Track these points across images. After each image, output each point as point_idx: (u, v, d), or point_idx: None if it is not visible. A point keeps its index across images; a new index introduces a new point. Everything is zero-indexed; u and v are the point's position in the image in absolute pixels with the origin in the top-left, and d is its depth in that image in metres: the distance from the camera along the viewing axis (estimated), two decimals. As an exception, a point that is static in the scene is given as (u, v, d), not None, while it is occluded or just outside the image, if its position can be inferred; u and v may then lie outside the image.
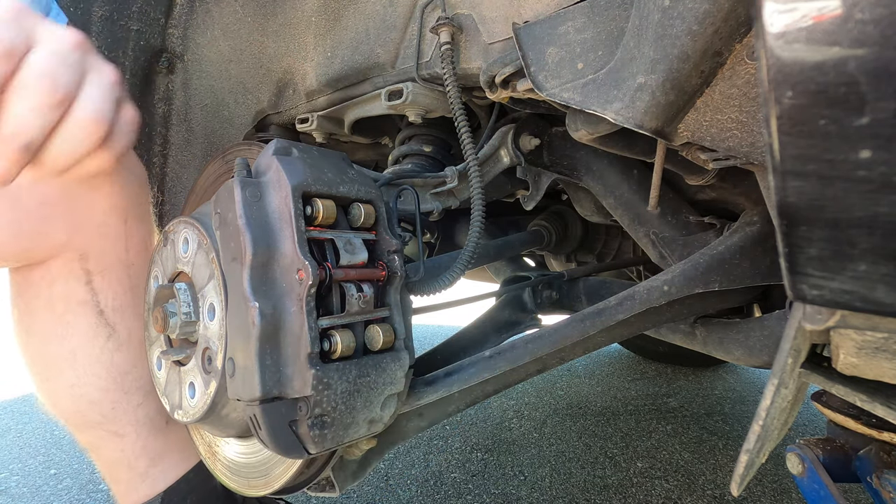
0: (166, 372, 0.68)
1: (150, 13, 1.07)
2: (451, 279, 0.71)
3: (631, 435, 1.82)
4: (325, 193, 0.57)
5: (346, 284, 0.56)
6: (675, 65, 0.49)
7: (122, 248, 0.86)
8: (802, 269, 0.30)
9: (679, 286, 0.72)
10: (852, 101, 0.25)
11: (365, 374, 0.56)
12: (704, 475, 1.54)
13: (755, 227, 0.75)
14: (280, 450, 0.53)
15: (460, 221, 1.23)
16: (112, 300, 0.85)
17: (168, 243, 0.68)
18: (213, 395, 0.59)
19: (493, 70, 0.73)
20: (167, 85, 1.18)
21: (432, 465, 1.62)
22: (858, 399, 0.45)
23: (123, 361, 0.86)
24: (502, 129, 0.91)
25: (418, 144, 1.01)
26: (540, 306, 1.02)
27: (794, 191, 0.28)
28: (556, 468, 1.59)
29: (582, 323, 0.74)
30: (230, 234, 0.55)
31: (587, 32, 0.62)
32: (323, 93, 1.03)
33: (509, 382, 0.78)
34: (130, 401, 0.88)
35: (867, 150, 0.25)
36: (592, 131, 0.66)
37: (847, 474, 0.69)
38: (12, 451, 1.80)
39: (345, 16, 0.97)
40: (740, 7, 0.45)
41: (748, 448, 0.47)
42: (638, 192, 0.87)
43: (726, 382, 2.38)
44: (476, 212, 0.74)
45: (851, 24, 0.24)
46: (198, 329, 0.62)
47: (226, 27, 1.13)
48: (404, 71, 0.89)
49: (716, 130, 0.53)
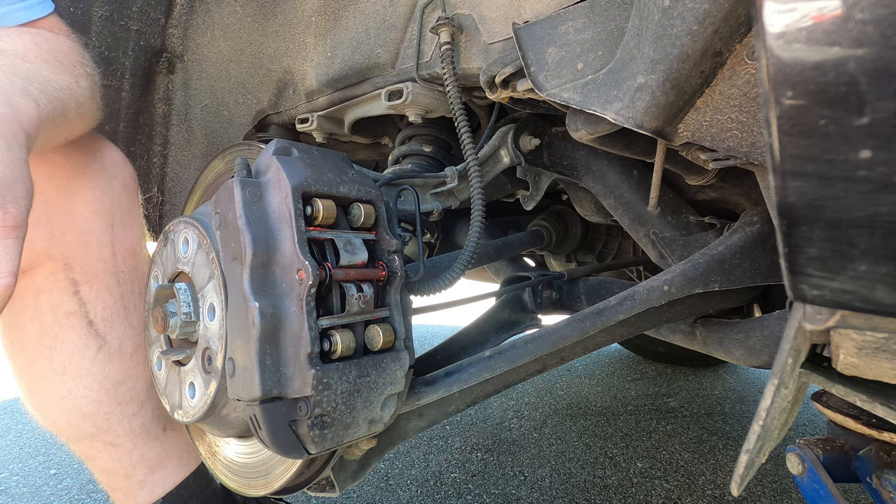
0: (166, 372, 0.68)
1: (150, 13, 1.07)
2: (451, 279, 0.71)
3: (631, 435, 1.82)
4: (325, 193, 0.57)
5: (346, 284, 0.56)
6: (676, 65, 0.49)
7: (108, 255, 0.83)
8: (803, 269, 0.30)
9: (679, 286, 0.72)
10: (852, 102, 0.25)
11: (365, 374, 0.56)
12: (704, 475, 1.54)
13: (755, 227, 0.75)
14: (280, 450, 0.53)
15: (460, 221, 1.23)
16: (101, 310, 0.83)
17: (168, 243, 0.68)
18: (213, 395, 0.59)
19: (493, 70, 0.73)
20: (167, 85, 1.18)
21: (432, 465, 1.62)
22: (858, 399, 0.45)
23: (116, 372, 0.84)
24: (502, 129, 0.91)
25: (418, 144, 1.01)
26: (540, 306, 1.02)
27: (794, 191, 0.28)
28: (556, 468, 1.59)
29: (582, 323, 0.74)
30: (230, 234, 0.55)
31: (587, 32, 0.62)
32: (323, 93, 1.03)
33: (509, 382, 0.78)
34: (125, 411, 0.86)
35: (867, 150, 0.25)
36: (592, 131, 0.66)
37: (847, 474, 0.69)
38: (12, 451, 1.80)
39: (345, 16, 0.97)
40: (740, 7, 0.45)
41: (748, 448, 0.47)
42: (638, 192, 0.87)
43: (726, 382, 2.38)
44: (476, 212, 0.74)
45: (851, 24, 0.24)
46: (198, 329, 0.62)
47: (226, 27, 1.13)
48: (404, 71, 0.89)
49: (716, 130, 0.53)
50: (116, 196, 0.84)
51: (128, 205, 0.87)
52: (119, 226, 0.84)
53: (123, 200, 0.85)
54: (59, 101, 0.65)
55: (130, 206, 0.87)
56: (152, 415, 0.89)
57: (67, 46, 0.75)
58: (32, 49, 0.68)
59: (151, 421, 0.89)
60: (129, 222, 0.87)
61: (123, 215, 0.85)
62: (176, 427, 0.93)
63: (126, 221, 0.86)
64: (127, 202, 0.86)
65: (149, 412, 0.88)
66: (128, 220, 0.86)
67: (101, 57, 1.02)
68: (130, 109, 1.12)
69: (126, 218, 0.86)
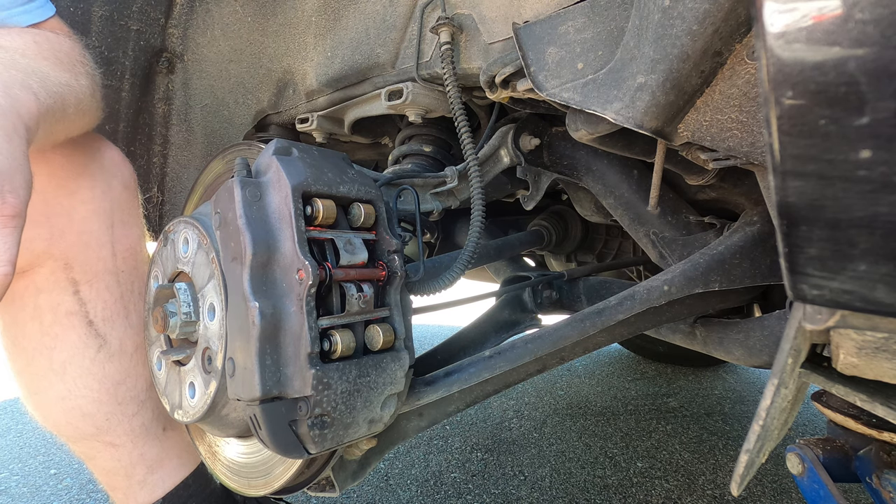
0: (166, 372, 0.68)
1: (150, 13, 1.07)
2: (451, 279, 0.71)
3: (631, 435, 1.82)
4: (325, 193, 0.57)
5: (346, 284, 0.56)
6: (676, 65, 0.49)
7: (108, 254, 0.83)
8: (802, 268, 0.30)
9: (679, 286, 0.72)
10: (852, 101, 0.25)
11: (365, 374, 0.56)
12: (704, 475, 1.54)
13: (755, 227, 0.75)
14: (280, 450, 0.53)
15: (460, 221, 1.23)
16: (101, 310, 0.83)
17: (168, 243, 0.68)
18: (213, 395, 0.59)
19: (493, 70, 0.73)
20: (167, 85, 1.18)
21: (432, 465, 1.62)
22: (858, 399, 0.45)
23: (116, 372, 0.84)
24: (502, 128, 0.91)
25: (418, 144, 1.01)
26: (540, 306, 1.02)
27: (794, 191, 0.28)
28: (556, 468, 1.59)
29: (582, 323, 0.74)
30: (230, 234, 0.55)
31: (587, 32, 0.62)
32: (323, 93, 1.03)
33: (509, 382, 0.78)
34: (125, 411, 0.86)
35: (867, 150, 0.25)
36: (592, 131, 0.66)
37: (847, 474, 0.69)
38: (12, 450, 1.80)
39: (345, 16, 0.97)
40: (740, 7, 0.45)
41: (748, 448, 0.47)
42: (638, 192, 0.87)
43: (726, 382, 2.38)
44: (476, 211, 0.74)
45: (851, 24, 0.24)
46: (198, 329, 0.62)
47: (226, 27, 1.13)
48: (404, 71, 0.89)
49: (716, 130, 0.53)
50: (116, 196, 0.84)
51: (128, 204, 0.86)
52: (119, 225, 0.84)
53: (123, 200, 0.85)
54: (59, 95, 0.65)
55: (130, 206, 0.87)
56: (152, 414, 0.89)
57: (68, 45, 0.75)
58: (32, 46, 0.68)
59: (151, 421, 0.89)
60: (129, 222, 0.86)
61: (123, 215, 0.85)
62: (176, 427, 0.93)
63: (126, 221, 0.85)
64: (127, 202, 0.86)
65: (149, 412, 0.88)
66: (128, 219, 0.86)
67: (101, 57, 1.02)
68: (130, 109, 1.12)
69: (126, 217, 0.86)
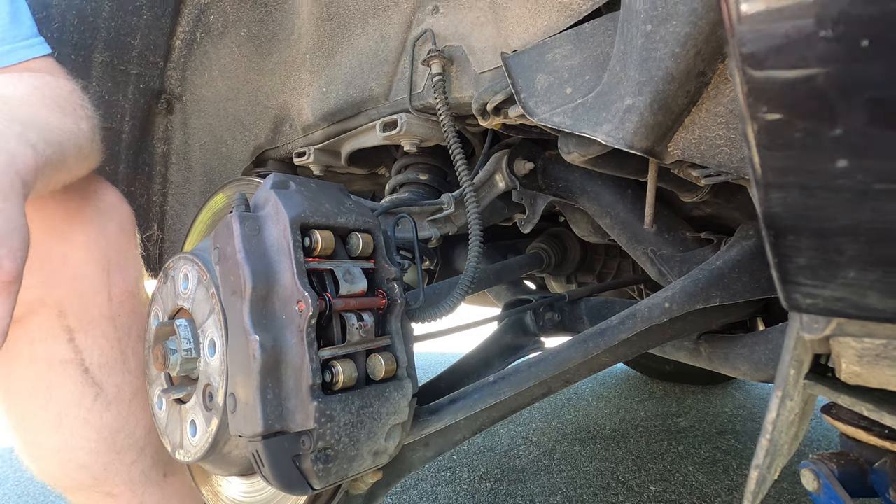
0: (167, 411, 0.67)
1: (149, 57, 1.10)
2: (451, 305, 0.71)
3: (642, 458, 1.78)
4: (323, 224, 0.57)
5: (346, 314, 0.56)
6: (661, 86, 0.51)
7: (103, 299, 0.80)
8: (794, 278, 0.30)
9: (680, 302, 0.72)
10: (825, 114, 0.26)
11: (368, 405, 0.56)
12: (720, 496, 1.51)
13: (751, 240, 0.75)
14: (283, 486, 0.52)
15: (459, 247, 1.23)
16: (98, 357, 0.80)
17: (168, 280, 0.68)
18: (214, 433, 0.58)
19: (485, 98, 0.74)
20: (166, 125, 1.21)
21: (441, 497, 1.58)
22: (865, 409, 0.44)
23: (114, 420, 0.81)
24: (496, 154, 0.93)
25: (414, 173, 1.02)
26: (542, 329, 1.01)
27: (777, 202, 0.28)
28: (568, 495, 1.55)
29: (585, 344, 0.73)
30: (229, 269, 0.55)
31: (574, 59, 0.64)
32: (319, 126, 1.05)
33: (515, 407, 0.77)
34: (123, 460, 0.83)
35: (844, 160, 0.26)
36: (584, 153, 0.67)
37: (864, 489, 0.67)
38: (10, 499, 1.76)
39: (339, 52, 0.99)
40: (720, 29, 0.46)
41: (757, 463, 0.46)
42: (633, 211, 0.88)
43: (736, 399, 2.34)
44: (474, 237, 0.75)
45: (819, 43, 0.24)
46: (198, 365, 0.62)
47: (223, 68, 1.16)
48: (398, 102, 0.91)
49: (705, 147, 0.54)
50: (112, 239, 0.82)
51: (124, 247, 0.85)
52: (115, 269, 0.82)
53: (119, 243, 0.84)
54: (59, 144, 0.65)
55: (127, 248, 0.85)
56: (152, 461, 0.86)
57: (68, 90, 0.76)
58: (34, 93, 0.69)
59: (151, 467, 0.86)
60: (126, 264, 0.84)
61: (119, 258, 0.83)
62: (177, 472, 0.91)
63: (122, 264, 0.84)
64: (123, 244, 0.84)
65: (148, 458, 0.86)
66: (124, 262, 0.84)
67: (101, 100, 1.05)
68: (130, 150, 1.14)
69: (122, 260, 0.84)
